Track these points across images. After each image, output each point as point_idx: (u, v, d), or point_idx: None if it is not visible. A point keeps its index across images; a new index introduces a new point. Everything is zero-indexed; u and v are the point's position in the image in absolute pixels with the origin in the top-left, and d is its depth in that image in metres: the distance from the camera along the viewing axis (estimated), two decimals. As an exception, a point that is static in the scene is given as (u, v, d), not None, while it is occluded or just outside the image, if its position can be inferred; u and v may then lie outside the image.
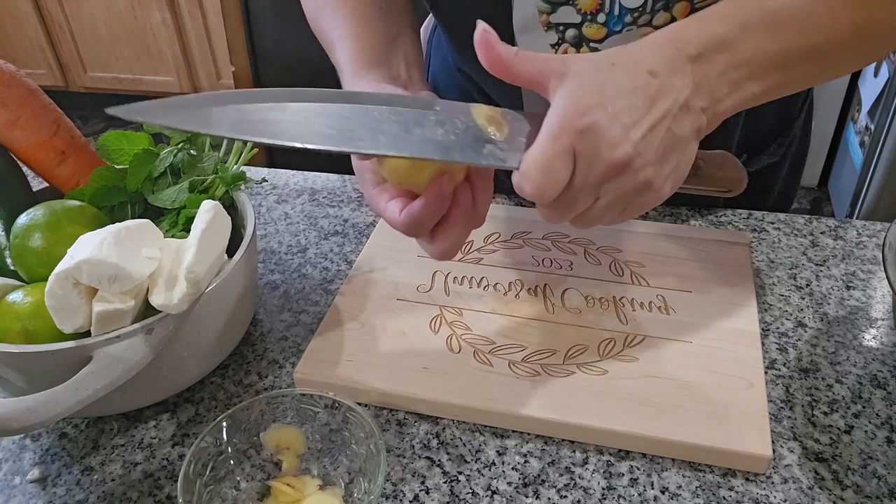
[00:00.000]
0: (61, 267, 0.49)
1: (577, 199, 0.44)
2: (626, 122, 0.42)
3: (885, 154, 1.76)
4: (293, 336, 0.63)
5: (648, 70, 0.44)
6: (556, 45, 0.64)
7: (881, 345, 0.60)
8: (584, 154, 0.42)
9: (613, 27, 0.61)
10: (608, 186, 0.44)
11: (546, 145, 0.42)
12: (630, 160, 0.43)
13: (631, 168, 0.43)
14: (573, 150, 0.42)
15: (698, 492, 0.49)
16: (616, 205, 0.45)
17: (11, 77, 0.59)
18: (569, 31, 0.62)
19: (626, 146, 0.42)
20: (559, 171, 0.42)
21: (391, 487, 0.51)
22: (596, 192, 0.44)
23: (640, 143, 0.43)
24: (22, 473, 0.53)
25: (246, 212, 0.61)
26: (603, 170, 0.43)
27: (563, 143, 0.42)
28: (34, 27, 2.72)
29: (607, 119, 0.42)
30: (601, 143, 0.42)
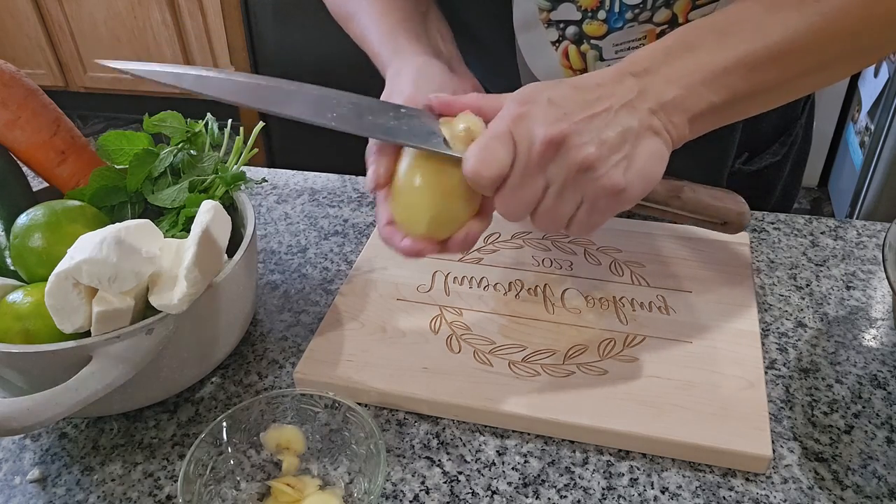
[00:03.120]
0: (61, 267, 0.49)
1: (523, 183, 0.45)
2: (565, 108, 0.44)
3: (885, 154, 1.75)
4: (293, 336, 0.63)
5: (595, 83, 0.46)
6: (557, 42, 0.64)
7: (881, 345, 0.60)
8: (521, 135, 0.44)
9: (614, 24, 0.61)
10: (551, 168, 0.45)
11: (486, 133, 0.45)
12: (564, 136, 0.43)
13: (567, 144, 0.44)
14: (511, 134, 0.44)
15: (698, 492, 0.49)
16: (570, 194, 0.45)
17: (11, 77, 0.59)
18: (569, 28, 0.62)
19: (561, 124, 0.44)
20: (498, 149, 0.44)
21: (391, 487, 0.51)
22: (540, 174, 0.45)
23: (577, 125, 0.44)
24: (22, 473, 0.53)
25: (246, 212, 0.61)
26: (539, 147, 0.44)
27: (503, 124, 0.44)
28: (34, 27, 2.72)
29: (544, 104, 0.44)
30: (536, 123, 0.44)
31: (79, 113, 2.96)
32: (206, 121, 0.64)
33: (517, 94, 0.46)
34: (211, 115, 0.65)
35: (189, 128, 0.63)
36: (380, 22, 0.59)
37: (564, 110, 0.44)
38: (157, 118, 0.63)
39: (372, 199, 0.81)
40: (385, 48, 0.58)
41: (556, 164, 0.44)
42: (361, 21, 0.61)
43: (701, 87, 0.46)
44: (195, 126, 0.64)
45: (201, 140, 0.64)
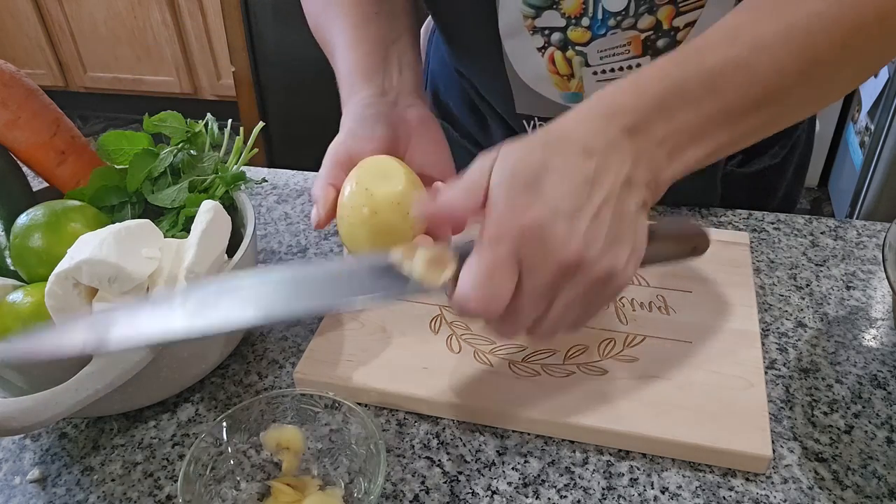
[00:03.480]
0: (61, 267, 0.49)
1: (526, 309, 0.40)
2: (568, 212, 0.38)
3: (886, 154, 1.75)
4: (293, 336, 0.63)
5: (583, 148, 0.40)
6: (543, 48, 0.64)
7: (881, 345, 0.60)
8: (530, 257, 0.38)
9: (598, 31, 0.61)
10: (564, 288, 0.40)
11: (486, 254, 0.38)
12: (581, 257, 0.38)
13: (584, 264, 0.39)
14: (517, 256, 0.38)
15: (698, 492, 0.49)
16: (575, 305, 0.41)
17: (11, 77, 0.59)
18: (554, 35, 0.62)
19: (575, 242, 0.38)
20: (504, 282, 0.38)
21: (391, 487, 0.51)
22: (548, 296, 0.40)
23: (588, 234, 0.39)
24: (22, 473, 0.53)
25: (246, 212, 0.61)
26: (553, 272, 0.39)
27: (505, 248, 0.38)
28: (34, 27, 2.72)
29: (548, 213, 0.38)
30: (547, 242, 0.38)
31: (79, 113, 2.96)
32: (206, 121, 0.64)
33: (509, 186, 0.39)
34: (211, 115, 0.65)
35: (189, 128, 0.63)
36: (345, 57, 0.59)
37: (569, 212, 0.38)
38: (157, 118, 0.63)
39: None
40: (343, 86, 0.58)
41: (570, 285, 0.40)
42: (333, 52, 0.61)
43: (689, 146, 0.43)
44: (195, 126, 0.64)
45: (201, 140, 0.64)
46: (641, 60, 0.62)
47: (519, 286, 0.39)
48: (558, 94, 0.67)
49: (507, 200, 0.39)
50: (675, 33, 0.61)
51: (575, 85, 0.65)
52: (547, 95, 0.67)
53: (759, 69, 0.42)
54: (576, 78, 0.65)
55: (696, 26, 0.60)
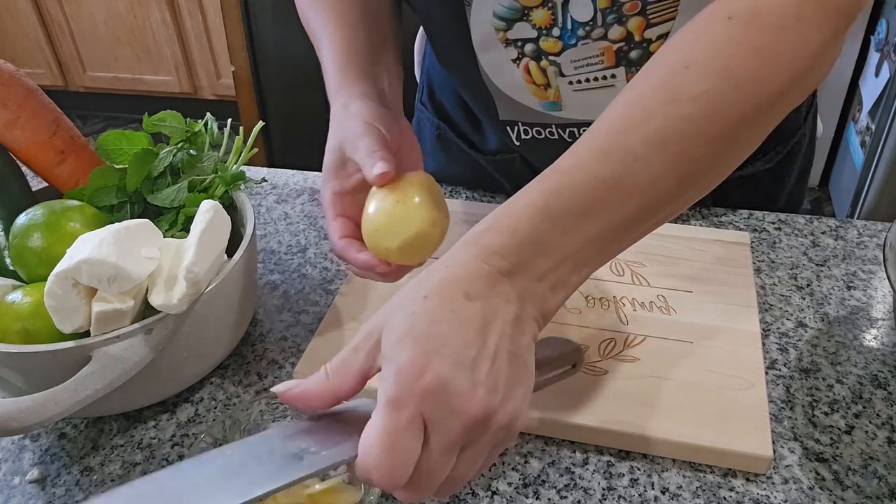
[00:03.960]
0: (61, 267, 0.49)
1: (435, 469, 0.37)
2: (467, 362, 0.37)
3: (886, 154, 1.75)
4: (293, 336, 0.63)
5: (464, 294, 0.38)
6: (517, 59, 0.64)
7: (882, 345, 0.60)
8: (436, 417, 0.36)
9: (568, 41, 0.61)
10: (472, 441, 0.38)
11: (387, 420, 0.36)
12: (487, 409, 0.37)
13: (490, 415, 0.37)
14: (420, 417, 0.36)
15: (699, 492, 0.49)
16: (482, 454, 0.39)
17: (11, 77, 0.59)
18: (527, 46, 0.62)
19: (479, 394, 0.36)
20: (409, 448, 0.36)
21: (391, 488, 0.51)
22: (455, 452, 0.37)
23: (488, 382, 0.37)
24: (21, 473, 0.53)
25: (245, 211, 0.60)
26: (461, 427, 0.36)
27: (408, 412, 0.36)
28: (34, 27, 2.72)
29: (449, 367, 0.36)
30: (452, 399, 0.36)
31: (78, 113, 2.96)
32: (205, 120, 0.64)
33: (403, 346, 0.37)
34: (210, 115, 0.65)
35: (188, 127, 0.63)
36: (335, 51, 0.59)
37: (467, 363, 0.37)
38: (157, 118, 0.63)
39: (372, 199, 0.81)
40: (334, 79, 0.58)
41: (478, 437, 0.38)
42: (322, 44, 0.61)
43: (572, 274, 0.41)
44: (195, 126, 0.64)
45: (201, 140, 0.64)
46: (616, 71, 0.62)
47: (425, 447, 0.36)
48: (537, 103, 0.67)
49: (405, 359, 0.36)
50: (647, 45, 0.60)
51: (552, 94, 0.66)
52: (526, 104, 0.68)
53: (634, 183, 0.40)
54: (552, 87, 0.65)
55: (669, 38, 0.59)
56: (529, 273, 0.40)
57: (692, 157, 0.40)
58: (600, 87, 0.64)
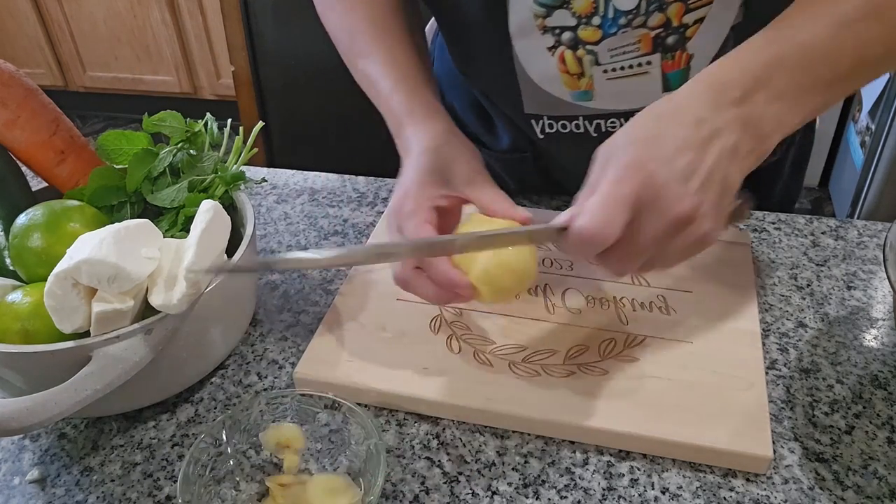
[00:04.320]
0: (60, 267, 0.49)
1: (639, 250, 0.44)
2: (684, 171, 0.43)
3: (886, 154, 1.75)
4: (293, 336, 0.63)
5: (695, 119, 0.44)
6: (553, 47, 0.64)
7: (882, 345, 0.60)
8: (646, 207, 0.43)
9: (608, 29, 0.61)
10: (673, 240, 0.44)
11: (606, 190, 0.43)
12: (694, 213, 0.43)
13: (694, 220, 0.44)
14: (634, 200, 0.43)
15: (699, 492, 0.49)
16: (678, 254, 0.46)
17: (11, 76, 0.59)
18: (565, 34, 0.62)
19: (690, 199, 0.43)
20: (618, 214, 0.42)
21: (391, 487, 0.51)
22: (658, 245, 0.44)
23: (700, 193, 0.44)
24: (21, 474, 0.53)
25: (245, 212, 0.60)
26: (666, 223, 0.43)
27: (625, 189, 0.42)
28: (34, 27, 2.72)
29: (666, 169, 0.43)
30: (665, 195, 0.43)
31: (78, 112, 2.96)
32: (205, 120, 0.64)
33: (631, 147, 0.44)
34: (210, 115, 0.65)
35: (188, 127, 0.63)
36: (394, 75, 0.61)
37: (684, 172, 0.43)
38: (157, 118, 0.63)
39: (371, 200, 0.81)
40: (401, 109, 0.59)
41: (679, 237, 0.44)
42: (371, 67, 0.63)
43: (787, 114, 0.46)
44: (194, 126, 0.64)
45: (201, 140, 0.64)
46: (651, 58, 0.63)
47: (637, 229, 0.43)
48: (568, 94, 0.67)
49: (631, 156, 0.43)
50: (684, 30, 0.61)
51: (585, 83, 0.66)
52: (556, 94, 0.68)
53: (845, 44, 0.46)
54: (586, 76, 0.65)
55: (705, 22, 0.61)
56: (753, 106, 0.45)
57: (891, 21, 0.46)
58: (634, 75, 0.64)
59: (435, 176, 0.54)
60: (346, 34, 0.66)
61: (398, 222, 0.53)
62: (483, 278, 0.49)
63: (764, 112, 0.45)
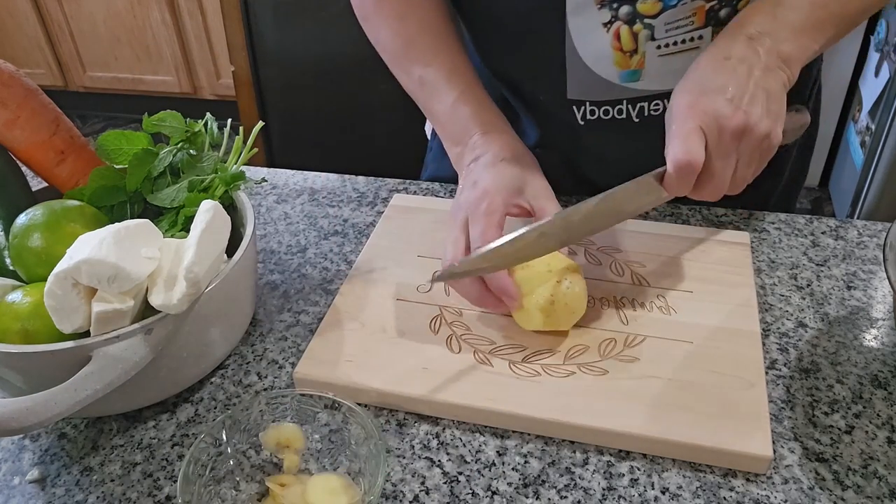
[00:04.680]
0: (60, 267, 0.49)
1: (719, 168, 0.54)
2: (727, 96, 0.53)
3: (886, 154, 1.75)
4: (293, 336, 0.63)
5: (723, 56, 0.55)
6: (609, 23, 0.65)
7: (882, 345, 0.60)
8: (711, 131, 0.53)
9: (669, 1, 0.63)
10: (741, 147, 0.54)
11: (677, 129, 0.53)
12: (747, 121, 0.53)
13: (749, 126, 0.53)
14: (700, 128, 0.53)
15: (699, 492, 0.49)
16: (753, 161, 0.55)
17: (11, 76, 0.59)
18: (623, 9, 0.64)
19: (739, 113, 0.53)
20: (696, 142, 0.52)
21: (391, 487, 0.51)
22: (733, 155, 0.54)
23: (748, 108, 0.53)
24: (21, 474, 0.53)
25: (245, 212, 0.60)
26: (730, 137, 0.53)
27: (690, 123, 0.53)
28: (34, 27, 2.72)
29: (713, 98, 0.53)
30: (720, 117, 0.53)
31: (78, 112, 2.96)
32: (205, 120, 0.64)
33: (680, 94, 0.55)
34: (210, 115, 0.65)
35: (188, 127, 0.63)
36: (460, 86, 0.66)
37: (728, 96, 0.53)
38: (157, 118, 0.63)
39: (371, 199, 0.81)
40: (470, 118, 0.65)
41: (744, 144, 0.54)
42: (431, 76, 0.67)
43: (808, 41, 0.57)
44: (194, 126, 0.64)
45: (201, 140, 0.64)
46: (703, 32, 0.65)
47: (712, 153, 0.53)
48: (616, 74, 0.68)
49: (683, 101, 0.54)
50: (736, 2, 0.63)
51: (636, 61, 0.67)
52: (604, 76, 0.68)
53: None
54: (639, 54, 0.66)
55: None
56: (776, 36, 0.56)
57: None
58: (685, 51, 0.66)
59: (514, 183, 0.60)
60: (401, 40, 0.68)
61: (469, 217, 0.58)
62: (543, 306, 0.55)
63: (780, 40, 0.56)
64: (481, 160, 0.62)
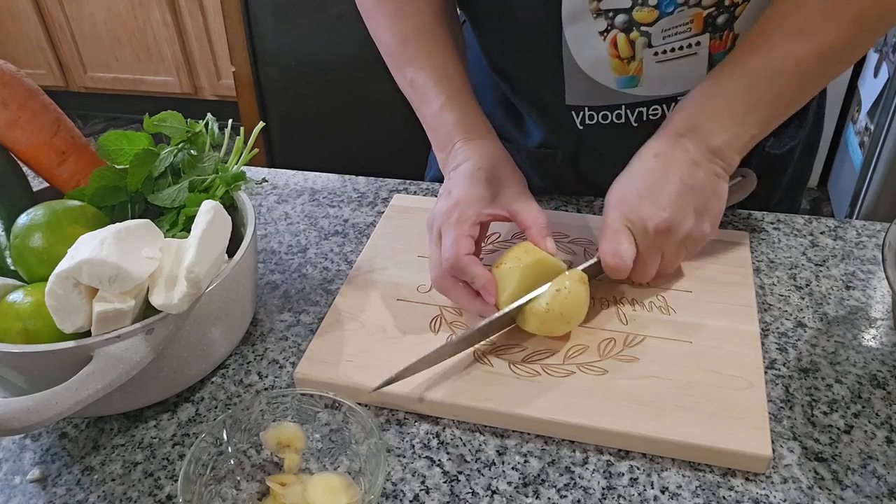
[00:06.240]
0: (62, 267, 0.49)
1: (647, 260, 0.59)
2: (653, 194, 0.57)
3: (885, 154, 1.75)
4: (293, 336, 0.64)
5: (653, 154, 0.59)
6: (605, 31, 0.65)
7: (881, 345, 0.60)
8: (637, 229, 0.58)
9: (665, 9, 0.63)
10: (666, 243, 0.58)
11: (609, 231, 0.58)
12: (670, 221, 0.57)
13: (672, 226, 0.57)
14: (627, 228, 0.58)
15: (698, 491, 0.49)
16: (679, 253, 0.60)
17: (12, 77, 0.59)
18: (618, 17, 0.64)
19: (661, 213, 0.57)
20: (624, 242, 0.58)
21: (391, 487, 0.51)
22: (659, 250, 0.59)
23: (671, 207, 0.57)
24: (22, 473, 0.53)
25: (246, 212, 0.61)
26: (653, 234, 0.57)
27: (618, 224, 0.58)
28: (34, 27, 2.72)
29: (639, 197, 0.57)
30: (645, 218, 0.57)
31: (79, 113, 2.96)
32: (206, 121, 0.64)
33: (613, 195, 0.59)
34: (211, 115, 0.65)
35: (189, 128, 0.63)
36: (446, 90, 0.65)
37: (655, 195, 0.57)
38: (158, 118, 0.63)
39: (372, 200, 0.81)
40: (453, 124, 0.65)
41: (668, 241, 0.58)
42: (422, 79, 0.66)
43: (740, 128, 0.58)
44: (195, 126, 0.64)
45: (201, 140, 0.64)
46: (701, 38, 0.65)
47: (638, 250, 0.58)
48: (614, 80, 0.68)
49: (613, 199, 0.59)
50: (733, 9, 0.63)
51: (634, 68, 0.67)
52: (602, 82, 0.69)
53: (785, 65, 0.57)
54: (636, 60, 0.66)
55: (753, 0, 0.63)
56: (704, 128, 0.58)
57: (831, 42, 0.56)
58: (683, 57, 0.66)
59: (486, 192, 0.60)
60: (397, 39, 0.68)
61: (441, 227, 0.59)
62: (539, 314, 0.56)
63: (707, 134, 0.58)
64: (461, 169, 0.62)
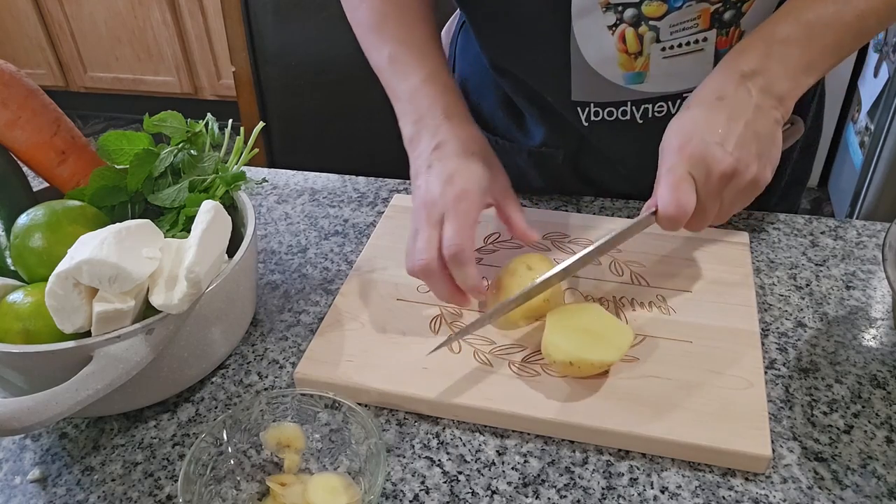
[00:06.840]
0: (62, 267, 0.49)
1: (707, 208, 0.56)
2: (718, 138, 0.54)
3: (885, 154, 1.75)
4: (293, 336, 0.64)
5: (716, 95, 0.56)
6: (614, 25, 0.65)
7: (881, 345, 0.60)
8: (699, 174, 0.54)
9: (674, 4, 0.63)
10: (727, 191, 0.55)
11: (667, 178, 0.55)
12: (735, 166, 0.54)
13: (737, 171, 0.54)
14: (690, 174, 0.54)
15: (698, 491, 0.49)
16: (738, 201, 0.57)
17: (12, 77, 0.59)
18: (627, 11, 0.64)
19: (728, 158, 0.54)
20: (687, 190, 0.54)
21: (391, 487, 0.51)
22: (719, 197, 0.56)
23: (736, 151, 0.54)
24: (22, 473, 0.53)
25: (246, 212, 0.61)
26: (717, 181, 0.54)
27: (680, 169, 0.54)
28: (34, 27, 2.72)
29: (703, 142, 0.54)
30: (708, 162, 0.54)
31: (79, 113, 2.96)
32: (206, 121, 0.64)
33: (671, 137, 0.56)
34: (211, 115, 0.65)
35: (189, 128, 0.63)
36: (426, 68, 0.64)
37: (717, 140, 0.54)
38: (158, 118, 0.63)
39: (372, 200, 0.81)
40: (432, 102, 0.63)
41: (730, 188, 0.55)
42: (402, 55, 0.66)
43: (803, 78, 0.57)
44: (195, 126, 0.64)
45: (201, 140, 0.64)
46: (708, 34, 0.65)
47: (700, 194, 0.55)
48: (621, 76, 0.68)
49: (674, 143, 0.56)
50: (740, 5, 0.63)
51: (641, 63, 0.67)
52: (608, 77, 0.69)
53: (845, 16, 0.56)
54: (643, 55, 0.66)
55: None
56: (763, 76, 0.56)
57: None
58: (690, 53, 0.66)
59: (485, 181, 0.60)
60: (378, 15, 0.67)
61: (446, 213, 0.57)
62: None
63: (774, 79, 0.56)
64: (447, 148, 0.60)
